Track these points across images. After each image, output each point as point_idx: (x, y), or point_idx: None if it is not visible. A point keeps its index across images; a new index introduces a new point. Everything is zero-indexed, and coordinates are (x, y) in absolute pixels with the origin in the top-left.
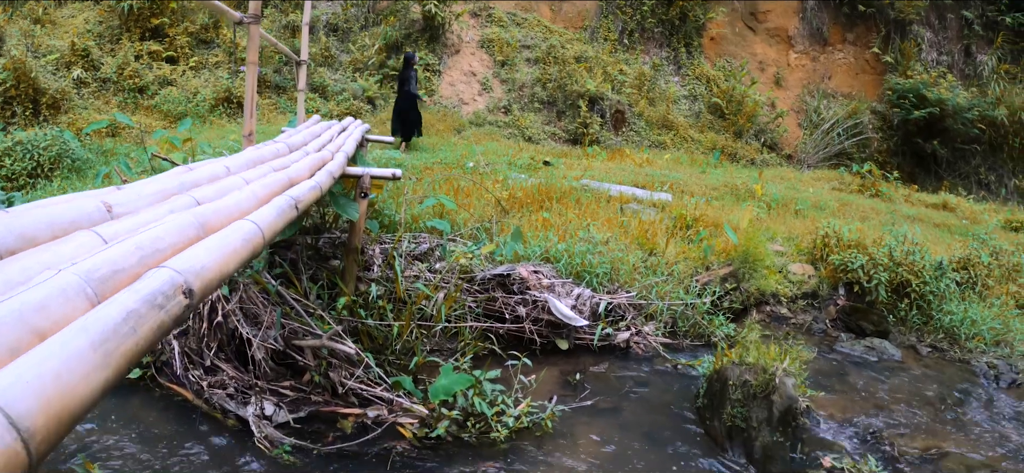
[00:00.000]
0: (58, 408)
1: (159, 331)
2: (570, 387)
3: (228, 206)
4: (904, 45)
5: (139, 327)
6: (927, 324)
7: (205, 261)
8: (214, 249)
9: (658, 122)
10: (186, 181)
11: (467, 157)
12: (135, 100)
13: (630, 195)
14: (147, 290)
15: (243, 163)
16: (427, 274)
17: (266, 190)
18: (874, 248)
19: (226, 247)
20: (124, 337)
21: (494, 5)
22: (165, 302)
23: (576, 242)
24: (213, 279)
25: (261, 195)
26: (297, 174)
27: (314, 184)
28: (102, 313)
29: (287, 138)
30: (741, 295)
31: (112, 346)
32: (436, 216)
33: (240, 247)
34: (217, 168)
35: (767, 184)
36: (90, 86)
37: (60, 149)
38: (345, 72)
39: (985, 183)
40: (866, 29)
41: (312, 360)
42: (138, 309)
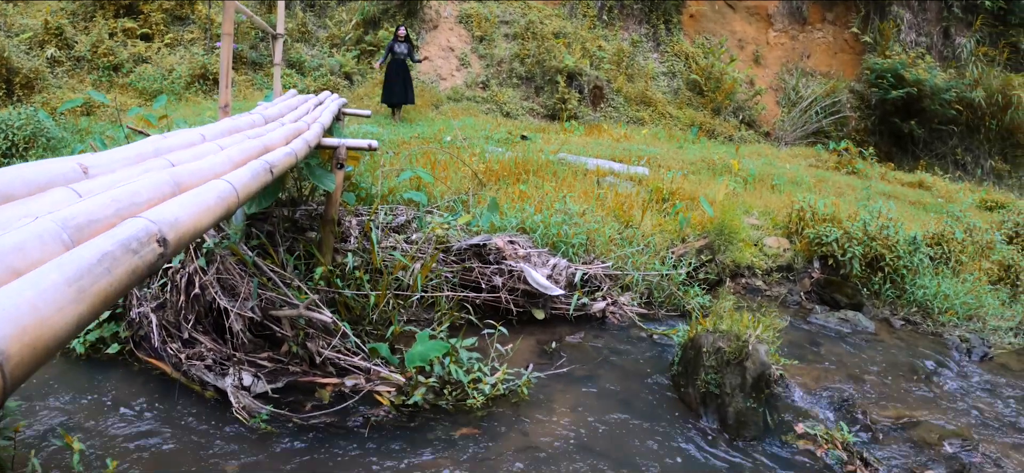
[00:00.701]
0: (33, 336)
1: (133, 275)
2: (546, 356)
3: (203, 168)
4: (883, 26)
5: (113, 268)
6: (900, 298)
7: (179, 214)
8: (189, 204)
9: (636, 98)
10: (162, 146)
11: (445, 132)
12: (110, 78)
13: (607, 169)
14: (122, 235)
15: (219, 132)
16: (404, 245)
17: (242, 154)
18: (849, 222)
19: (200, 203)
20: (98, 276)
21: None
22: (139, 248)
23: (552, 214)
24: (187, 232)
25: (236, 159)
26: (273, 142)
27: (289, 150)
28: (78, 253)
29: (263, 110)
30: (716, 267)
31: (86, 283)
32: (413, 189)
33: (214, 204)
34: (193, 136)
35: (744, 160)
36: (64, 65)
37: (34, 128)
38: (322, 48)
39: (961, 164)
40: (845, 9)
41: (290, 331)
42: (113, 251)
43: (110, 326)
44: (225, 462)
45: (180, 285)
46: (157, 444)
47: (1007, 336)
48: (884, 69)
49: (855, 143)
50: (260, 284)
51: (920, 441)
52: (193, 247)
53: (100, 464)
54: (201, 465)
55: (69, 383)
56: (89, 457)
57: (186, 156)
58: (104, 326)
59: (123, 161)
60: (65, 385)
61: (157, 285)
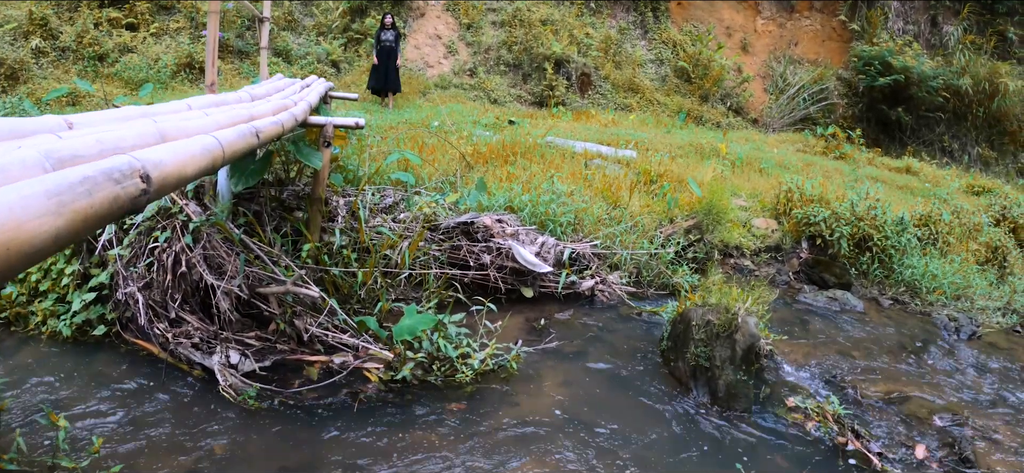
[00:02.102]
0: (8, 237)
1: (114, 204)
2: (535, 332)
3: (189, 127)
4: (871, 13)
5: (94, 192)
6: (889, 277)
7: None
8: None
9: (624, 85)
10: (150, 111)
11: (432, 117)
12: (95, 68)
13: (595, 152)
14: (106, 165)
15: (206, 103)
16: (391, 224)
17: (229, 119)
18: (837, 203)
19: (186, 151)
20: (79, 196)
21: None
22: (122, 178)
23: (540, 193)
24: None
25: (223, 123)
26: (260, 113)
27: (276, 120)
28: (60, 173)
29: (250, 90)
30: (705, 246)
31: (67, 200)
32: (401, 170)
33: (199, 154)
34: (179, 105)
35: (732, 144)
36: (49, 55)
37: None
38: (309, 36)
39: (948, 150)
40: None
41: (277, 308)
42: (95, 177)
43: (96, 308)
44: (213, 440)
45: (166, 264)
46: (144, 423)
47: (995, 316)
48: (871, 56)
49: (842, 130)
50: (247, 261)
51: (910, 415)
52: (179, 225)
53: (86, 443)
54: (189, 444)
55: (56, 365)
56: (75, 436)
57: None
58: (91, 308)
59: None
60: (51, 367)
61: (144, 264)
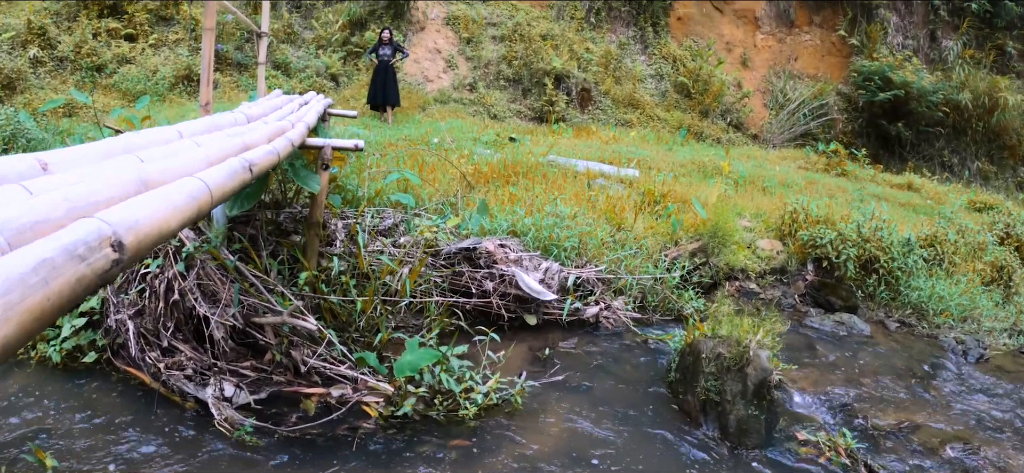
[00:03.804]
0: None
1: (78, 286)
2: (539, 363)
3: (174, 166)
4: (870, 28)
5: (52, 279)
6: (895, 300)
7: (140, 215)
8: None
9: (624, 101)
10: (133, 143)
11: (432, 133)
12: (93, 79)
13: (597, 171)
14: (68, 238)
15: (197, 129)
16: (391, 249)
17: (219, 152)
18: (842, 224)
19: (167, 203)
20: (32, 288)
21: None
22: (88, 254)
23: (543, 216)
24: (149, 235)
25: (213, 157)
26: (254, 140)
27: (271, 149)
28: (9, 260)
29: (246, 109)
30: (710, 270)
31: (15, 298)
32: (401, 191)
33: (184, 204)
34: (169, 133)
35: (734, 162)
36: (46, 65)
37: (14, 129)
38: (308, 49)
39: (948, 165)
40: (832, 12)
41: (273, 339)
42: (53, 259)
43: (87, 334)
44: None
45: (159, 291)
46: (136, 458)
47: (1002, 337)
48: (871, 72)
49: (843, 145)
50: (242, 290)
51: (922, 445)
52: (172, 251)
53: None
54: None
55: (44, 393)
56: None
57: (158, 154)
58: (81, 333)
59: (88, 158)
60: (39, 395)
61: (135, 291)
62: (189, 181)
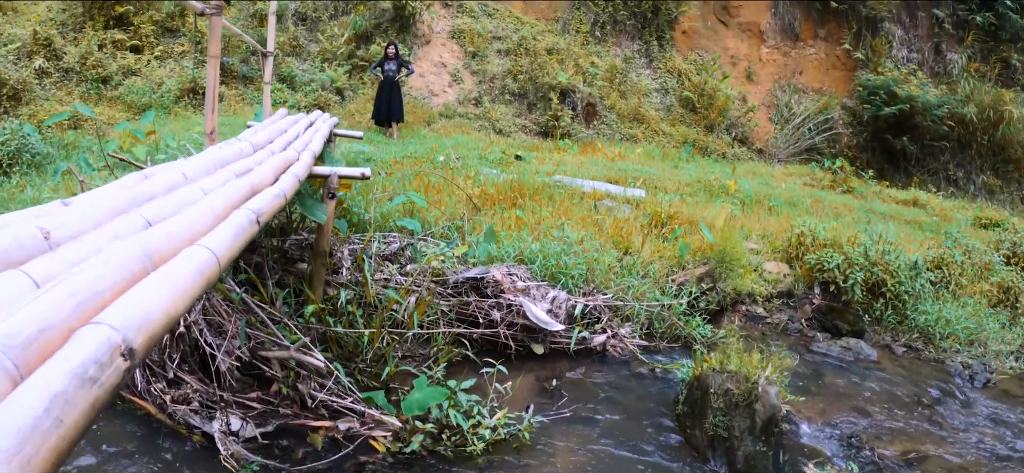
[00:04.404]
0: None
1: (92, 411)
2: (547, 394)
3: (181, 229)
4: (875, 42)
5: (66, 415)
6: (902, 323)
7: (150, 308)
8: (161, 291)
9: (629, 115)
10: (140, 194)
11: (437, 150)
12: (98, 91)
13: (603, 191)
14: (78, 360)
15: (202, 168)
16: (398, 277)
17: (225, 202)
18: (849, 247)
19: (176, 286)
20: (46, 434)
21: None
22: (99, 372)
23: (551, 242)
24: (159, 330)
25: (219, 210)
26: (260, 180)
27: (278, 192)
28: (19, 404)
29: (251, 135)
30: (717, 295)
31: (31, 451)
32: (406, 214)
33: (192, 284)
34: (174, 176)
35: (740, 179)
36: (52, 76)
37: (19, 143)
38: (313, 62)
39: (953, 179)
40: (837, 25)
41: (280, 371)
42: (65, 391)
43: None
44: None
45: None
46: None
47: (1008, 360)
48: (876, 86)
49: (848, 160)
50: (248, 322)
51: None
52: None
53: None
54: None
55: None
56: None
57: (164, 208)
58: None
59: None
60: None
61: None
62: (196, 253)
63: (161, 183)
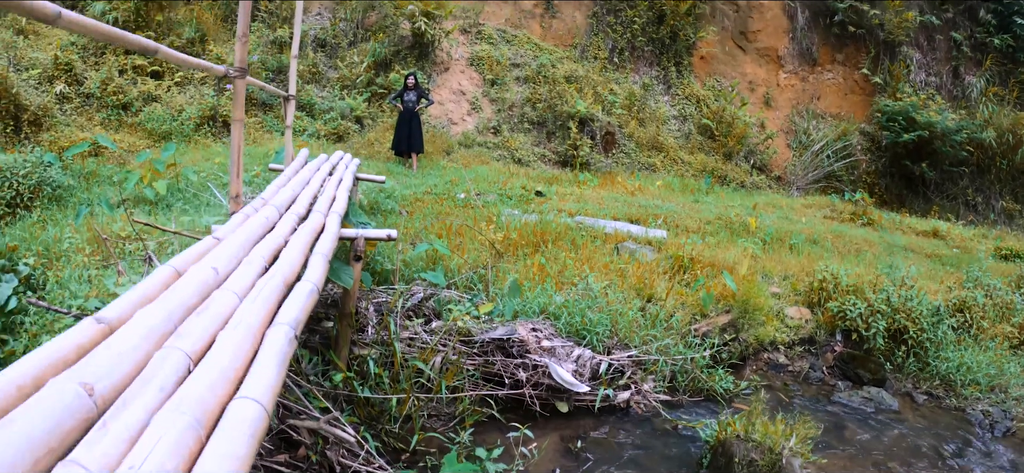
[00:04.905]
0: None
1: None
2: (572, 456)
3: (224, 368)
4: (893, 67)
5: None
6: (923, 370)
7: None
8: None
9: (648, 143)
10: (174, 308)
11: (457, 183)
12: (119, 117)
13: (625, 232)
14: None
15: (233, 255)
16: (423, 334)
17: (261, 312)
18: (872, 293)
19: (233, 465)
20: None
21: (484, 22)
22: None
23: (574, 294)
24: None
25: (256, 326)
26: (291, 268)
27: (310, 289)
28: None
29: (274, 194)
30: (740, 345)
31: None
32: (429, 260)
33: (247, 452)
34: (205, 273)
35: (760, 214)
36: (73, 102)
37: (40, 177)
38: (333, 89)
39: (972, 204)
40: (855, 49)
41: (308, 437)
42: None
43: None
44: None
45: None
46: None
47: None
48: (895, 112)
49: (866, 186)
50: None
51: None
52: None
53: None
54: None
55: None
56: None
57: (203, 327)
58: None
59: (133, 359)
60: None
61: None
62: (246, 413)
63: (194, 285)
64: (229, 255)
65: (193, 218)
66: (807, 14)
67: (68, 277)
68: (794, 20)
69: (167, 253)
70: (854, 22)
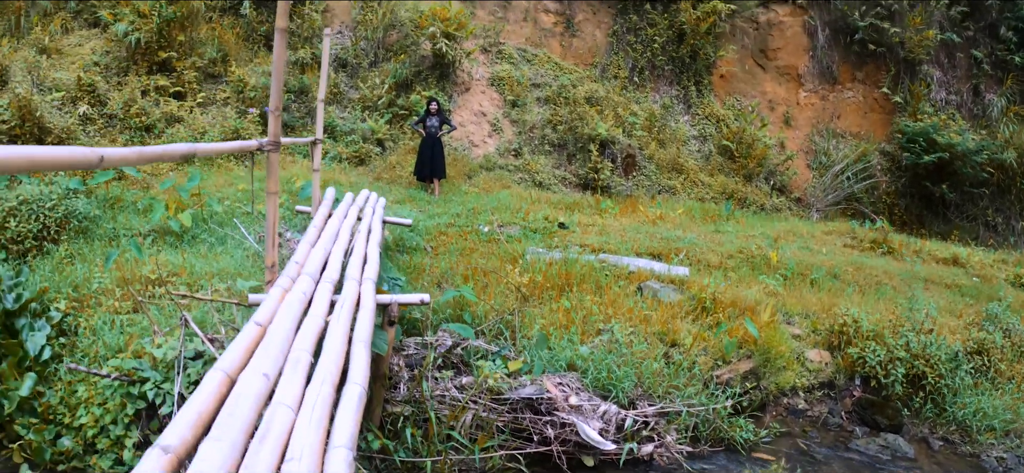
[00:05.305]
0: None
1: None
2: None
3: None
4: (913, 86)
5: None
6: (940, 416)
7: None
8: None
9: (668, 165)
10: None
11: (479, 212)
12: (142, 139)
13: (648, 270)
14: None
15: (279, 352)
16: (454, 390)
17: (318, 434)
18: (891, 338)
19: None
20: None
21: (504, 41)
22: None
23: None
24: None
25: (316, 451)
26: (336, 364)
27: (359, 393)
28: None
29: (306, 255)
30: (760, 393)
31: None
32: (457, 305)
33: None
34: (258, 385)
35: (782, 246)
36: (96, 123)
37: (66, 208)
38: (354, 110)
39: (992, 225)
40: (875, 68)
41: None
42: None
43: None
44: None
45: None
46: None
47: None
48: (916, 132)
49: (886, 206)
50: None
51: None
52: None
53: None
54: None
55: None
56: None
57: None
58: None
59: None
60: None
61: None
62: None
63: (250, 401)
64: (276, 353)
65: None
66: (827, 32)
67: (100, 324)
68: (814, 38)
69: (202, 308)
70: (874, 40)
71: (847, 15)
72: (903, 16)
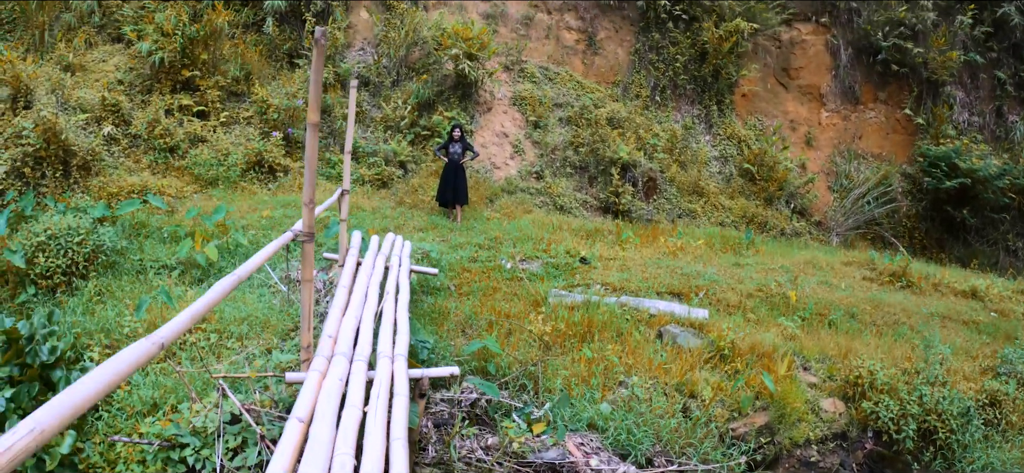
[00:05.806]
0: None
1: None
2: None
3: None
4: (936, 109)
5: None
6: (949, 469)
7: None
8: None
9: (689, 187)
10: None
11: (502, 240)
12: (166, 160)
13: (668, 313)
14: None
15: (323, 459)
16: (480, 452)
17: None
18: (906, 390)
19: None
20: None
21: (527, 59)
22: None
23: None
24: None
25: None
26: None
27: None
28: None
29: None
30: (775, 447)
31: None
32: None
33: None
34: None
35: (801, 280)
36: (120, 143)
37: (95, 244)
38: (376, 130)
39: (1012, 250)
40: (898, 88)
41: None
42: None
43: None
44: None
45: None
46: None
47: None
48: (938, 157)
49: (906, 230)
50: None
51: None
52: None
53: None
54: None
55: None
56: None
57: None
58: None
59: None
60: None
61: None
62: None
63: None
64: (321, 461)
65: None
66: (850, 52)
67: (136, 380)
68: (837, 57)
69: (238, 368)
70: (897, 60)
71: (870, 34)
72: (926, 36)
